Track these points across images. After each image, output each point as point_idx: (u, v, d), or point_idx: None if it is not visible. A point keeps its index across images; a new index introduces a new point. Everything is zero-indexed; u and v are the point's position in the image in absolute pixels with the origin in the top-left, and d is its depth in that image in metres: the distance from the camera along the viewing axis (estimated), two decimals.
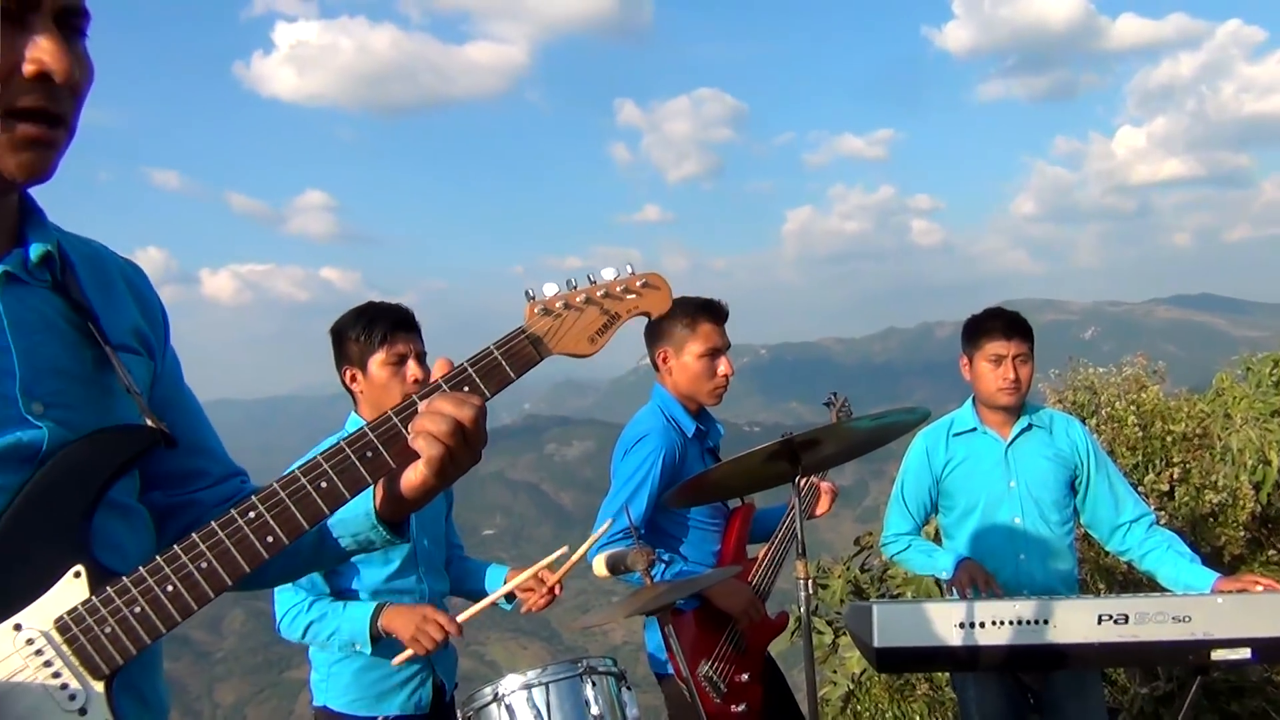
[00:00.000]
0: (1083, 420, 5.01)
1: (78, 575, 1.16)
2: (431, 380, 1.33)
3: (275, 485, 1.24)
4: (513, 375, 1.34)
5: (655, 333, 3.39)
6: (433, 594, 2.96)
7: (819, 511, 3.56)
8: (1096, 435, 5.37)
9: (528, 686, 2.54)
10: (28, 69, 1.08)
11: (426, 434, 1.25)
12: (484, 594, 3.03)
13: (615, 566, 2.86)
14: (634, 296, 1.43)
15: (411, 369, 2.83)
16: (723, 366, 3.32)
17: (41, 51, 1.09)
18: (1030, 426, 3.44)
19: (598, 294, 1.41)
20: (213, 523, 1.21)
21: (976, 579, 3.18)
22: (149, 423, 1.27)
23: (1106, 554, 4.93)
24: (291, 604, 2.80)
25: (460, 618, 2.73)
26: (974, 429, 3.48)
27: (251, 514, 1.22)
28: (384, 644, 2.75)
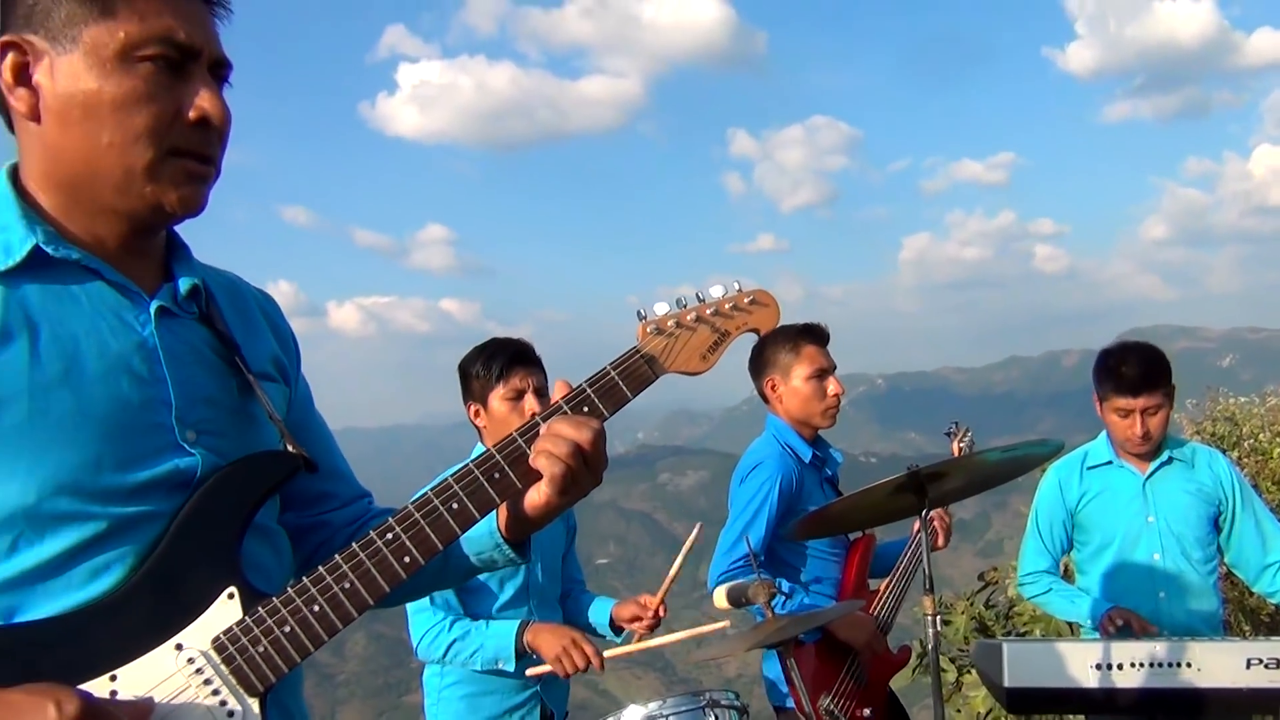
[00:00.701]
0: (1223, 453, 4.79)
1: (231, 596, 1.21)
2: (552, 402, 1.36)
3: (410, 507, 1.29)
4: (629, 395, 1.38)
5: (760, 364, 3.40)
6: None
7: (937, 545, 3.49)
8: (1239, 469, 5.11)
9: (650, 719, 2.54)
10: (191, 114, 1.21)
11: (548, 454, 1.29)
12: (590, 628, 3.07)
13: (736, 599, 2.84)
14: (743, 313, 1.47)
15: (529, 403, 2.88)
16: (832, 386, 3.32)
17: (203, 99, 1.21)
18: (1170, 459, 3.30)
19: (707, 312, 1.44)
20: (354, 544, 1.26)
21: (1131, 623, 3.05)
22: (292, 448, 1.34)
23: (1251, 594, 4.68)
24: (431, 624, 2.84)
25: (607, 654, 2.74)
26: (1109, 462, 3.35)
27: (389, 535, 1.27)
28: (521, 662, 2.79)
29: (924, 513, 2.50)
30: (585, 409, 1.35)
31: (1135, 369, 3.19)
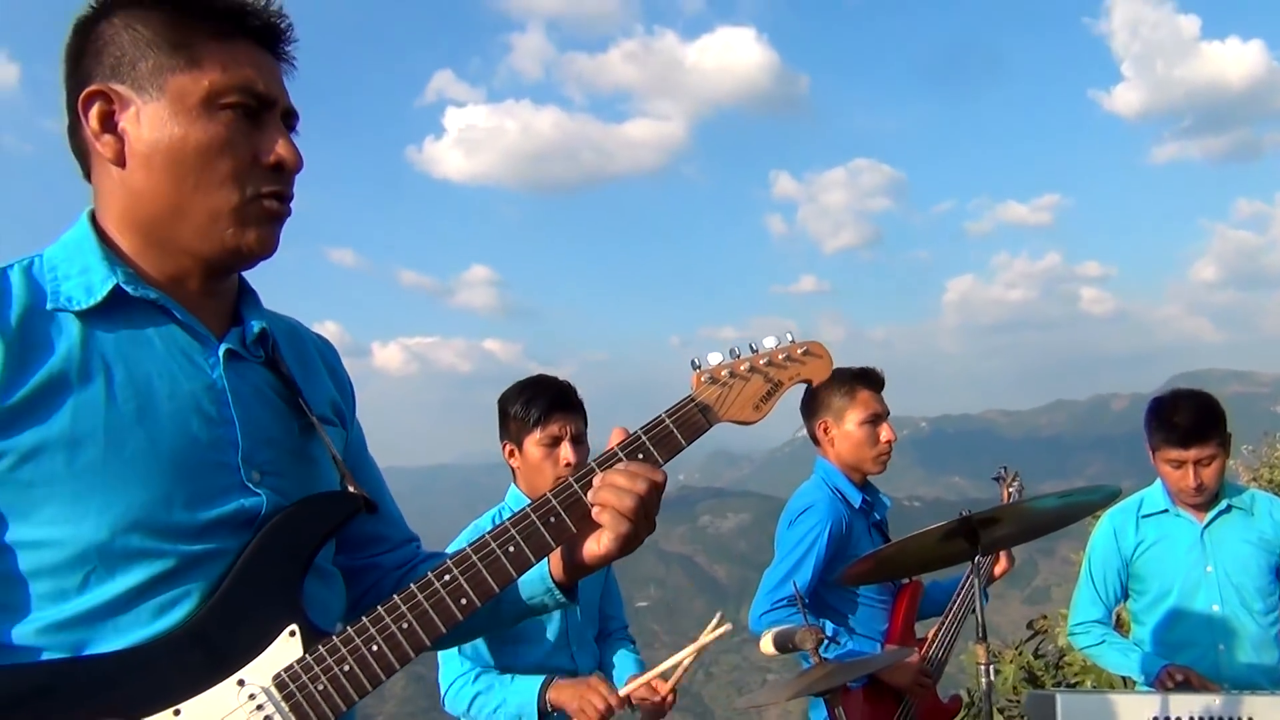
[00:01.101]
0: None
1: (293, 634, 1.23)
2: (608, 448, 1.38)
3: (468, 549, 1.31)
4: (684, 443, 1.40)
5: (813, 405, 3.38)
6: (582, 673, 2.95)
7: (996, 572, 3.44)
8: None
9: None
10: (269, 159, 1.28)
11: (612, 510, 1.31)
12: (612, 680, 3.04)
13: (784, 645, 2.81)
14: (796, 364, 1.49)
15: (564, 452, 2.83)
16: (885, 433, 3.30)
17: (279, 146, 1.28)
18: (1229, 508, 3.22)
19: (760, 362, 1.46)
20: (412, 585, 1.28)
21: (1191, 681, 2.97)
22: (353, 490, 1.37)
23: None
24: (457, 674, 2.83)
25: (622, 691, 2.72)
26: (1165, 510, 3.29)
27: (447, 577, 1.29)
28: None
29: (976, 559, 2.47)
30: (640, 456, 1.37)
31: (1187, 420, 3.11)
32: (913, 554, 2.66)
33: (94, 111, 1.24)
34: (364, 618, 1.26)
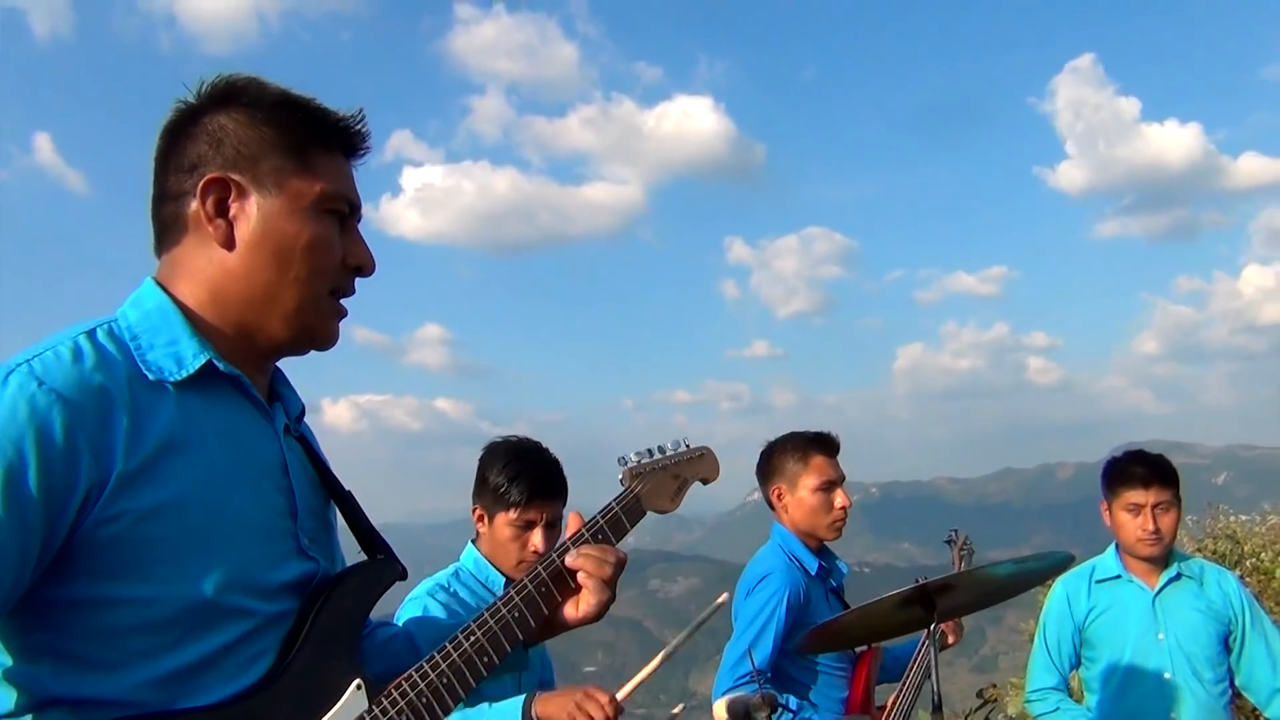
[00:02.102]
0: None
1: (359, 687, 1.35)
2: (572, 532, 1.61)
3: (485, 614, 1.48)
4: (628, 528, 1.68)
5: (768, 470, 3.36)
6: None
7: (950, 642, 3.42)
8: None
9: None
10: (351, 261, 1.44)
11: (596, 578, 1.53)
12: None
13: (738, 713, 2.76)
14: (694, 464, 1.84)
15: (535, 540, 2.70)
16: (839, 499, 3.27)
17: (363, 252, 1.45)
18: (1179, 575, 3.26)
19: (671, 462, 1.79)
20: (447, 644, 1.44)
21: None
22: (394, 558, 1.51)
23: (1260, 718, 4.57)
24: None
25: (620, 694, 2.60)
26: (1118, 576, 3.31)
27: (473, 638, 1.45)
28: None
29: (932, 626, 2.45)
30: (600, 538, 1.61)
31: (1146, 465, 3.23)
32: (869, 622, 2.64)
33: (212, 197, 1.34)
34: (413, 672, 1.39)
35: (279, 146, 1.37)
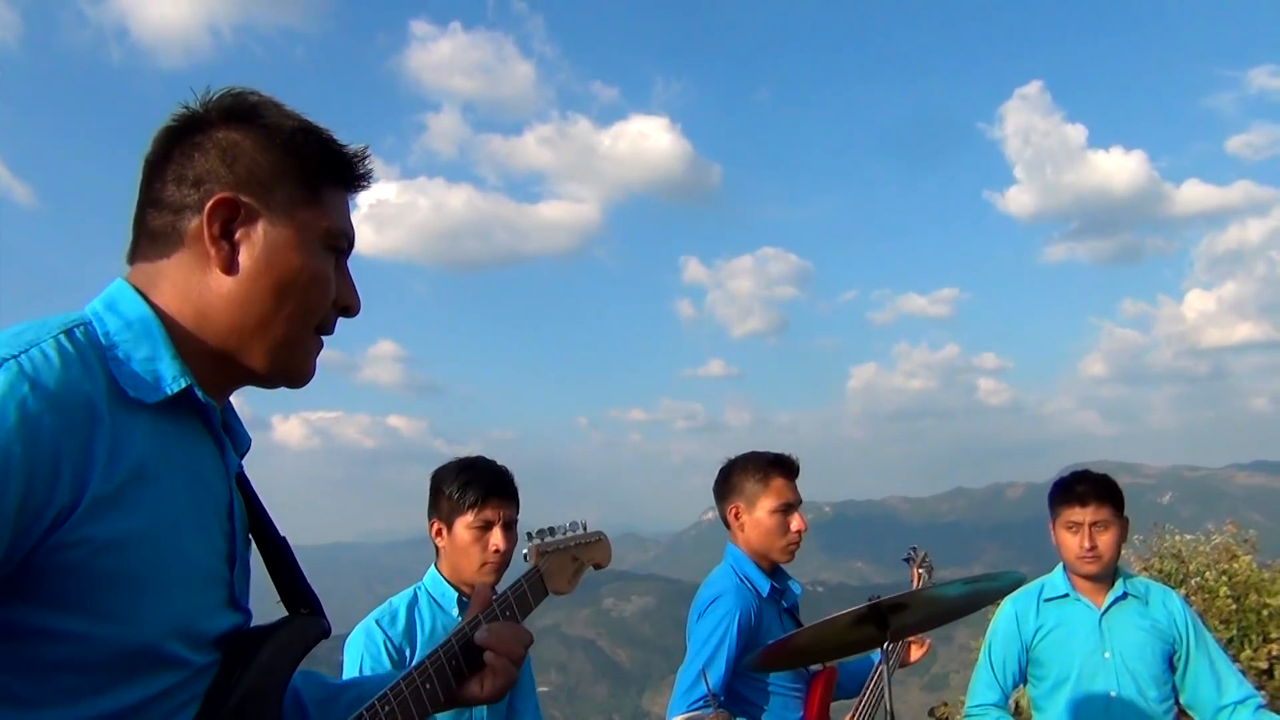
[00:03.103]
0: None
1: None
2: (479, 608, 1.59)
3: (400, 683, 1.44)
4: (533, 605, 1.70)
5: (726, 489, 3.35)
6: None
7: (916, 656, 3.43)
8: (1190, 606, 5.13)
9: None
10: (341, 301, 1.38)
11: (505, 659, 1.51)
12: None
13: None
14: (590, 547, 1.88)
15: (495, 538, 2.76)
16: (795, 522, 3.26)
17: (352, 293, 1.40)
18: (1126, 595, 3.31)
19: (571, 544, 1.84)
20: (362, 710, 1.39)
21: None
22: (321, 616, 1.44)
23: None
24: None
25: None
26: (1065, 595, 3.36)
27: (387, 708, 1.41)
28: None
29: (885, 645, 2.46)
30: (506, 615, 1.63)
31: (1086, 484, 3.29)
32: (823, 640, 2.64)
33: (220, 218, 1.26)
34: None
35: (294, 175, 1.31)
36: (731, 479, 3.34)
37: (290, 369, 1.35)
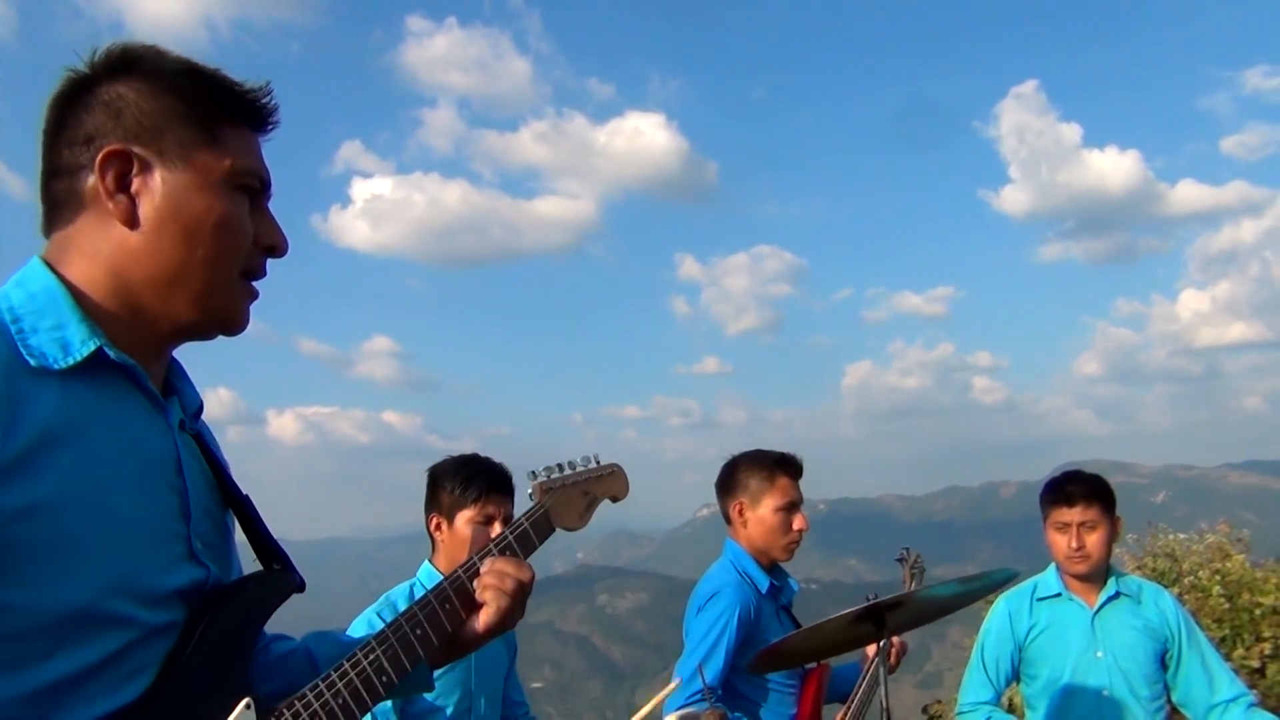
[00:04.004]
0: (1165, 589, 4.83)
1: (249, 706, 1.26)
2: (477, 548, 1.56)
3: (386, 630, 1.40)
4: (537, 544, 1.62)
5: (730, 484, 3.36)
6: None
7: (892, 666, 3.45)
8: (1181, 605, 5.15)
9: None
10: (262, 241, 1.35)
11: (496, 589, 1.47)
12: None
13: None
14: (605, 481, 1.79)
15: (496, 531, 2.81)
16: (797, 522, 3.28)
17: (275, 231, 1.37)
18: (1118, 594, 3.33)
19: (581, 478, 1.75)
20: (345, 662, 1.35)
21: None
22: (292, 569, 1.42)
23: None
24: None
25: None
26: (1058, 594, 3.37)
27: (371, 656, 1.37)
28: None
29: (882, 643, 2.48)
30: (508, 553, 1.56)
31: (1075, 484, 3.31)
32: (820, 639, 2.66)
33: (112, 171, 1.24)
34: (308, 691, 1.31)
35: (184, 118, 1.27)
36: (736, 475, 3.35)
37: (221, 316, 1.32)
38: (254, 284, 1.36)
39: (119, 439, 1.20)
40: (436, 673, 1.55)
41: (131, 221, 1.24)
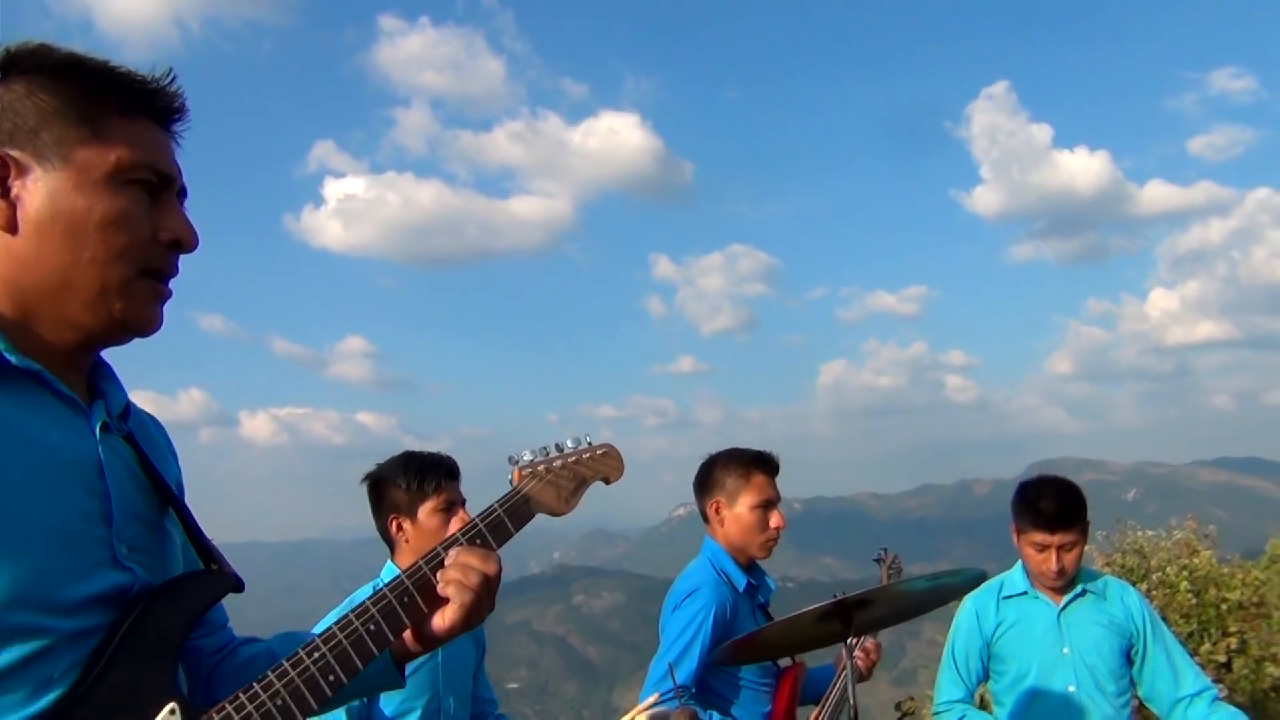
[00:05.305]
0: (1133, 585, 4.89)
1: (173, 712, 1.21)
2: (449, 533, 1.48)
3: (334, 628, 1.34)
4: (513, 531, 1.53)
5: (707, 483, 3.36)
6: None
7: (863, 673, 3.47)
8: (1148, 601, 5.22)
9: None
10: (164, 236, 1.29)
11: (459, 584, 1.39)
12: None
13: None
14: (596, 463, 1.68)
15: (461, 517, 2.83)
16: (774, 519, 3.28)
17: (179, 225, 1.31)
18: (1084, 591, 3.36)
19: (570, 460, 1.65)
20: (284, 662, 1.29)
21: None
22: (226, 569, 1.36)
23: None
24: None
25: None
26: (1025, 592, 3.40)
27: (316, 654, 1.30)
28: None
29: (849, 641, 2.50)
30: (478, 542, 1.47)
31: (1053, 506, 3.24)
32: (789, 635, 2.68)
33: None
34: (241, 694, 1.24)
35: (62, 115, 1.22)
36: (713, 474, 3.35)
37: (123, 318, 1.26)
38: (163, 283, 1.30)
39: (24, 445, 1.17)
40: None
41: (11, 227, 1.21)
